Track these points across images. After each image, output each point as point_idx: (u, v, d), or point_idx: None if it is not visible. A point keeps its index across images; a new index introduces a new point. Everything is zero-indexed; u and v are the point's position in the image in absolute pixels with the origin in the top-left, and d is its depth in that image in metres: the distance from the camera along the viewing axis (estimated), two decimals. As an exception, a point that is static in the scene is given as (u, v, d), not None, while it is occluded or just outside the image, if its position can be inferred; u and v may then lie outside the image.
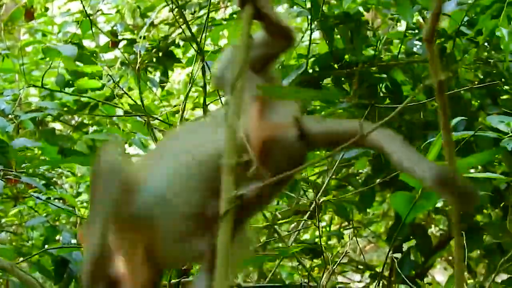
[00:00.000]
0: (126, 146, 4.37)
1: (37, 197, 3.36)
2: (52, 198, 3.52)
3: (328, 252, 3.68)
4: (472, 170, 2.96)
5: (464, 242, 2.98)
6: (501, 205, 3.57)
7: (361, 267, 4.16)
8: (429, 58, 1.75)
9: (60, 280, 3.16)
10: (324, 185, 3.33)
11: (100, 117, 4.17)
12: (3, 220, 3.83)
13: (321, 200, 3.28)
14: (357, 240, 4.02)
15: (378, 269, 3.96)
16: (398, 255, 3.64)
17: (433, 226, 4.40)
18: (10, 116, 3.70)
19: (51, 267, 3.20)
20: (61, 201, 3.68)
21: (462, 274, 1.87)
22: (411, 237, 3.64)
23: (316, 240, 3.50)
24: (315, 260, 3.75)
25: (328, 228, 4.16)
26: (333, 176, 3.59)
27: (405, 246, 3.67)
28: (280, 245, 3.71)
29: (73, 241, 3.34)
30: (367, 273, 3.89)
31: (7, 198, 3.73)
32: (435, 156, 2.91)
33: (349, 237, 4.12)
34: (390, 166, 3.47)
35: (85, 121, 4.41)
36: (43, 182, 3.41)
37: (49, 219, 3.38)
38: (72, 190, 4.04)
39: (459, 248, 1.84)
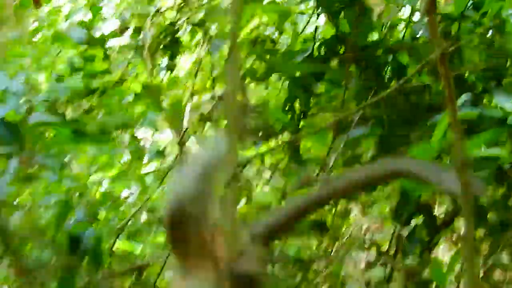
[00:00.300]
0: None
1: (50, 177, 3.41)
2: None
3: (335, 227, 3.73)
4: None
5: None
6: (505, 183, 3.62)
7: (366, 246, 4.22)
8: (430, 31, 1.79)
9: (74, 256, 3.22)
10: (331, 162, 3.39)
11: (110, 101, 4.22)
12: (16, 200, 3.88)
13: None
14: (362, 219, 4.07)
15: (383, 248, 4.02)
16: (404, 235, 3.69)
17: (436, 206, 4.45)
18: (22, 99, 3.74)
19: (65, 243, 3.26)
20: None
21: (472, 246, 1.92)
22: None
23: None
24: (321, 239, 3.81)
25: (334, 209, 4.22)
26: (339, 158, 3.64)
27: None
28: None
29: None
30: (373, 250, 3.95)
31: (20, 178, 3.78)
32: (441, 134, 2.98)
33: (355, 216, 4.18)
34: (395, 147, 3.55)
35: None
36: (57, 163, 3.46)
37: (62, 198, 3.43)
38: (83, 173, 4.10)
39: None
